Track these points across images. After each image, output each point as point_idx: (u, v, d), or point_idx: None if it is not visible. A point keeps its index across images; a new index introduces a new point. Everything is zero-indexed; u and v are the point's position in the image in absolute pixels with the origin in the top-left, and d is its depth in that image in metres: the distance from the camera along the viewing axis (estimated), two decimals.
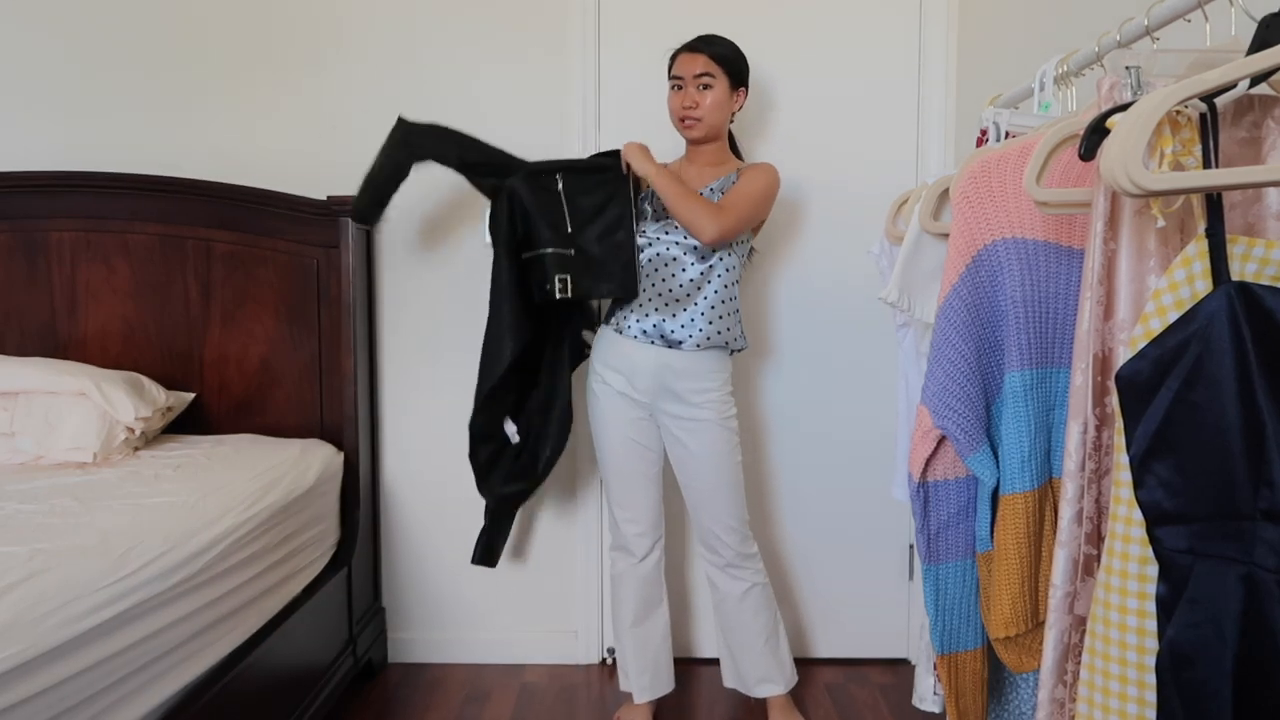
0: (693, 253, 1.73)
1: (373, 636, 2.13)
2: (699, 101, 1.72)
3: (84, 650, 1.10)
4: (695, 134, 1.75)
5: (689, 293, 1.73)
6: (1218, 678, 0.77)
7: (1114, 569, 0.83)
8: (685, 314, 1.73)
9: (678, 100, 1.75)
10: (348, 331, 2.05)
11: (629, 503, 1.82)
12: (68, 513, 1.40)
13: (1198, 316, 0.78)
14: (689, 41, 1.76)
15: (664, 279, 1.74)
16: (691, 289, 1.73)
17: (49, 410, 1.82)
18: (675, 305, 1.73)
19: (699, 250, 1.73)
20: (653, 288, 1.74)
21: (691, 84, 1.73)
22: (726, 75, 1.73)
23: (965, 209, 1.06)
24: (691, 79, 1.72)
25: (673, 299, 1.73)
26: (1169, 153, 0.84)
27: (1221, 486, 0.77)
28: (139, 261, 2.09)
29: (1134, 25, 1.05)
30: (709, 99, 1.72)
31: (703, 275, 1.73)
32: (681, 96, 1.74)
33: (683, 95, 1.74)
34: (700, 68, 1.72)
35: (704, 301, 1.73)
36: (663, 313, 1.73)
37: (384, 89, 2.17)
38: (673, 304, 1.73)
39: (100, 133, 2.18)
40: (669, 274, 1.74)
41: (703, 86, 1.72)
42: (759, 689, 1.85)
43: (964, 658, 1.16)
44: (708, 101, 1.72)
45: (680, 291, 1.73)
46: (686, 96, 1.73)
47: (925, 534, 1.12)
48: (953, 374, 1.04)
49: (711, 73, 1.72)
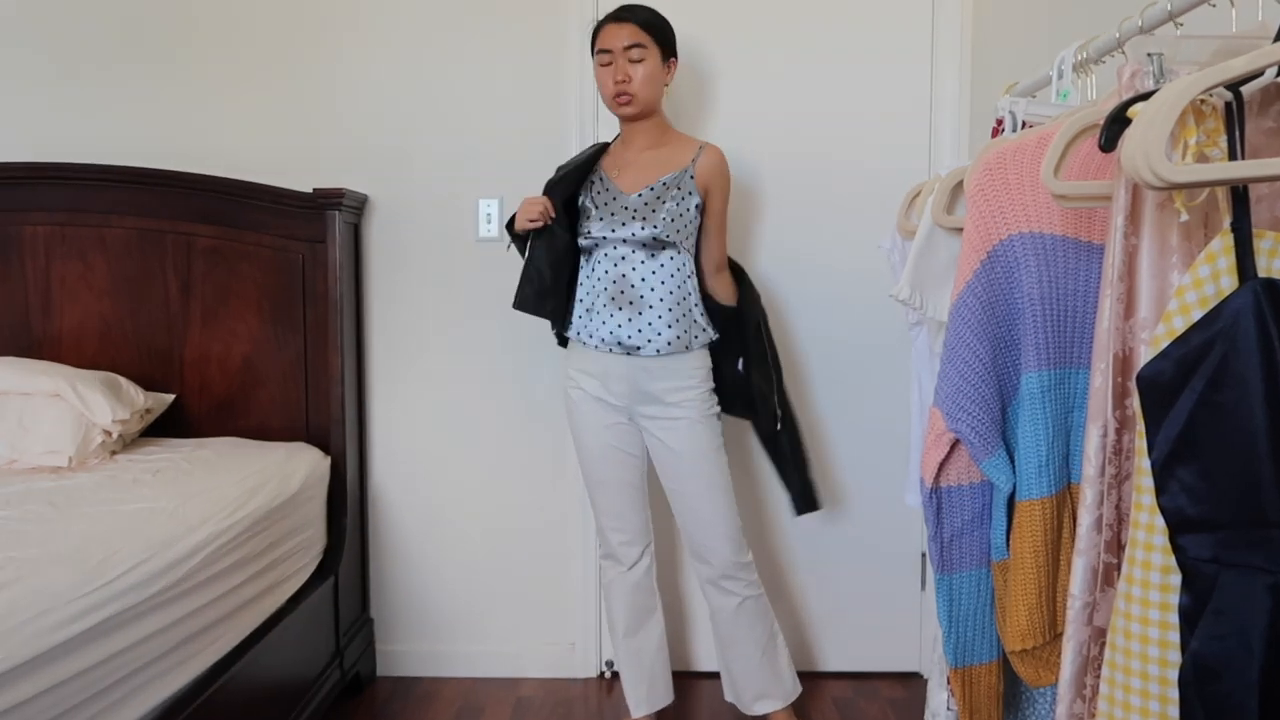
0: (641, 250, 1.68)
1: (361, 648, 2.09)
2: (631, 75, 1.64)
3: (58, 663, 1.07)
4: (631, 110, 1.68)
5: (642, 294, 1.67)
6: (1243, 691, 0.75)
7: (1135, 578, 0.81)
8: (642, 318, 1.67)
9: (608, 75, 1.66)
10: (334, 330, 2.01)
11: (613, 511, 1.78)
12: (42, 519, 1.38)
13: (1223, 314, 0.76)
14: (613, 12, 1.68)
15: (615, 280, 1.68)
16: (645, 289, 1.67)
17: (22, 412, 1.78)
18: (630, 308, 1.67)
19: (648, 247, 1.67)
20: (605, 292, 1.69)
21: (621, 56, 1.64)
22: (657, 45, 1.67)
23: (980, 202, 1.03)
24: (621, 51, 1.64)
25: (626, 301, 1.67)
26: (1193, 144, 0.82)
27: (1248, 492, 0.75)
28: (116, 257, 2.04)
29: (1156, 10, 1.02)
30: (641, 72, 1.65)
31: (654, 274, 1.68)
32: (612, 71, 1.65)
33: (613, 70, 1.65)
34: (629, 38, 1.64)
35: (660, 304, 1.67)
36: (618, 318, 1.67)
37: (372, 78, 2.12)
38: (627, 307, 1.67)
39: (76, 124, 2.13)
40: (619, 275, 1.68)
41: (634, 60, 1.65)
42: (757, 706, 1.81)
43: (979, 671, 1.13)
44: (640, 75, 1.65)
45: (634, 293, 1.67)
46: (618, 70, 1.65)
47: (938, 542, 1.10)
48: (967, 375, 1.02)
49: (641, 43, 1.64)
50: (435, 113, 2.12)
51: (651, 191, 1.68)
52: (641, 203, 1.68)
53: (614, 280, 1.68)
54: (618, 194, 1.70)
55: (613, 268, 1.68)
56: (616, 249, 1.68)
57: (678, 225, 1.68)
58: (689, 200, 1.69)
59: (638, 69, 1.64)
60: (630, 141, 1.75)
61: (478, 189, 2.13)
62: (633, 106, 1.67)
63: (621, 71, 1.64)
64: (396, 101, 2.12)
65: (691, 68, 2.07)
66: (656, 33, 1.66)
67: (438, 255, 2.14)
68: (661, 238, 1.66)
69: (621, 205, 1.68)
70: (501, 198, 2.12)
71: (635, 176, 1.71)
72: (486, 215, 2.13)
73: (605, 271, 1.69)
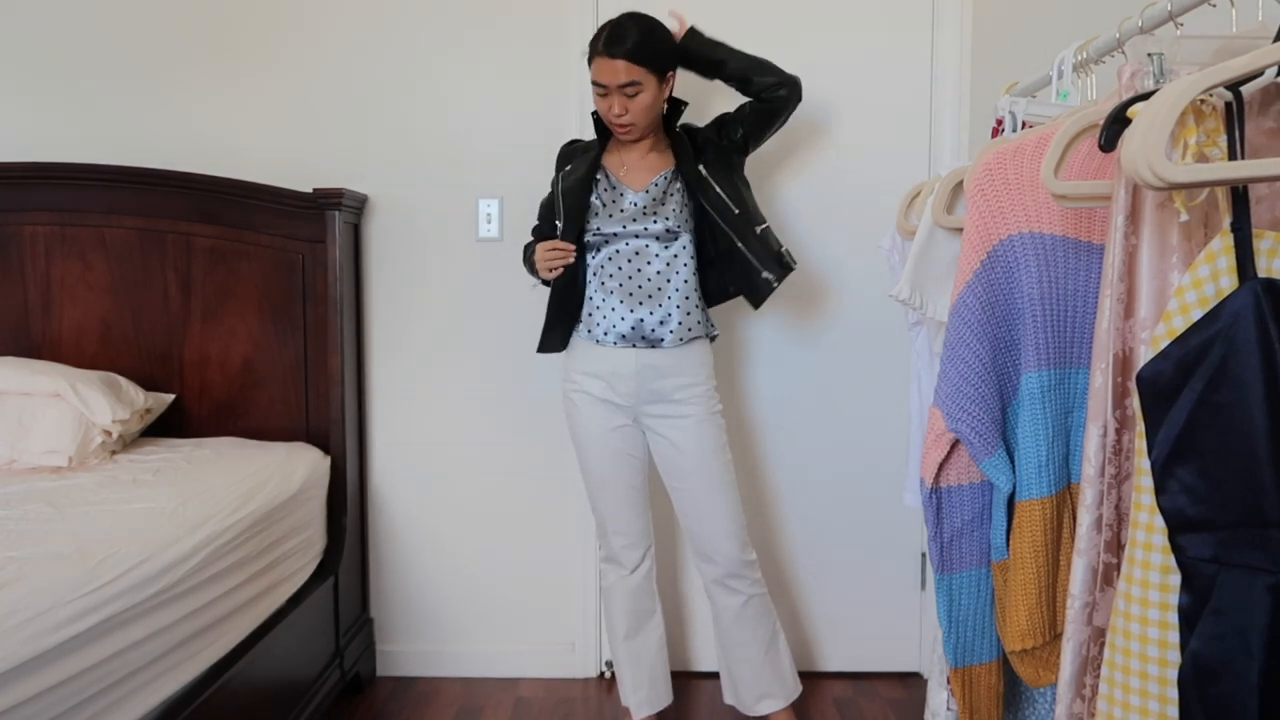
0: (656, 242, 1.68)
1: (360, 649, 2.09)
2: (629, 108, 1.63)
3: (57, 663, 1.07)
4: (632, 137, 1.69)
5: (659, 286, 1.68)
6: (1243, 692, 0.74)
7: (1135, 578, 0.81)
8: (661, 309, 1.68)
9: (605, 106, 1.63)
10: (334, 330, 2.01)
11: (615, 515, 1.77)
12: (41, 519, 1.37)
13: (1222, 314, 0.76)
14: (600, 46, 1.60)
15: (630, 275, 1.68)
16: (661, 281, 1.68)
17: (22, 412, 1.77)
18: (650, 301, 1.68)
19: (661, 239, 1.68)
20: (621, 287, 1.69)
21: (616, 93, 1.62)
22: (652, 73, 1.62)
23: (980, 202, 1.03)
24: (616, 89, 1.61)
25: (644, 295, 1.68)
26: (1193, 144, 0.82)
27: (1247, 492, 0.74)
28: (116, 257, 2.04)
29: (1156, 10, 1.02)
30: (638, 103, 1.63)
31: (669, 266, 1.68)
32: (608, 104, 1.62)
33: (609, 102, 1.62)
34: (623, 77, 1.60)
35: (676, 294, 1.68)
36: (638, 311, 1.68)
37: (372, 78, 2.12)
38: (646, 300, 1.68)
39: (75, 123, 2.12)
40: (634, 269, 1.68)
41: (629, 95, 1.62)
42: (759, 706, 1.80)
43: (979, 671, 1.13)
44: (637, 107, 1.63)
45: (651, 286, 1.68)
46: (614, 104, 1.63)
47: (938, 542, 1.09)
48: (967, 375, 1.02)
49: (636, 80, 1.60)
50: (435, 113, 2.12)
51: (657, 187, 1.70)
52: (650, 198, 1.69)
53: (629, 275, 1.68)
54: (626, 190, 1.71)
55: (626, 263, 1.69)
56: (629, 244, 1.69)
57: (686, 212, 1.70)
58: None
59: (634, 102, 1.63)
60: (632, 145, 1.75)
61: (478, 189, 2.13)
62: (633, 135, 1.68)
63: (620, 106, 1.63)
64: (396, 101, 2.12)
65: None
66: (649, 61, 1.61)
67: (438, 255, 2.14)
68: (673, 228, 1.68)
69: (631, 201, 1.70)
70: (501, 198, 2.12)
71: (642, 174, 1.72)
72: (486, 215, 2.12)
73: (619, 267, 1.69)
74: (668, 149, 1.74)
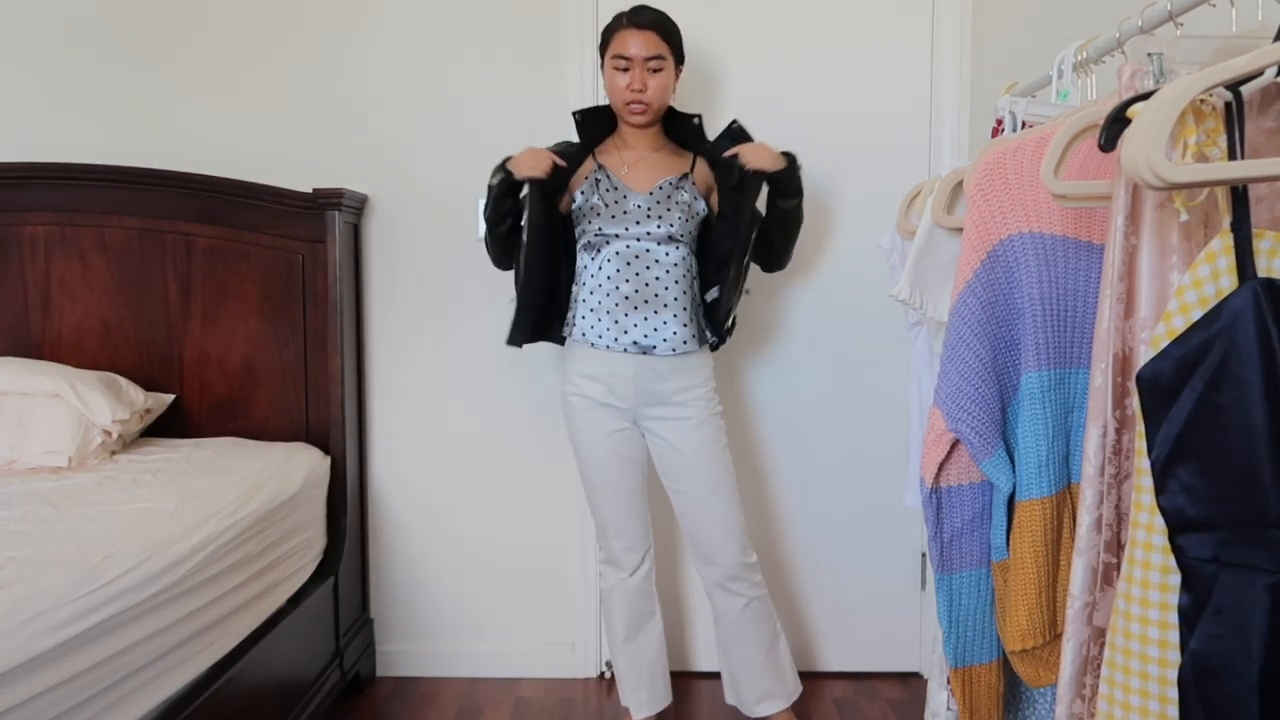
0: (656, 248, 1.65)
1: (361, 649, 2.09)
2: (648, 85, 1.61)
3: (58, 663, 1.07)
4: (643, 120, 1.66)
5: (657, 292, 1.65)
6: (1243, 692, 0.74)
7: (1135, 578, 0.81)
8: (657, 316, 1.65)
9: (623, 81, 1.61)
10: (334, 330, 2.01)
11: (615, 517, 1.76)
12: (41, 519, 1.37)
13: (1222, 314, 0.76)
14: (634, 16, 1.61)
15: (627, 279, 1.65)
16: (659, 288, 1.65)
17: (22, 412, 1.77)
18: (645, 307, 1.65)
19: (662, 245, 1.65)
20: (618, 290, 1.65)
21: (640, 66, 1.60)
22: (673, 54, 1.64)
23: (980, 202, 1.03)
24: (641, 61, 1.60)
25: (641, 300, 1.65)
26: (1193, 143, 0.82)
27: (1247, 492, 0.74)
28: (116, 257, 2.04)
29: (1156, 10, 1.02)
30: (657, 82, 1.62)
31: (669, 273, 1.66)
32: (629, 79, 1.60)
33: (630, 77, 1.60)
34: (652, 48, 1.59)
35: (675, 303, 1.65)
36: (633, 317, 1.64)
37: (372, 78, 2.12)
38: (642, 306, 1.65)
39: (74, 123, 2.12)
40: (632, 273, 1.65)
41: (652, 70, 1.61)
42: (760, 708, 1.80)
43: (979, 671, 1.13)
44: (656, 85, 1.62)
45: (648, 291, 1.65)
46: (635, 79, 1.61)
47: (938, 542, 1.09)
48: (967, 375, 1.01)
49: (662, 54, 1.61)
50: (435, 113, 2.12)
51: (661, 190, 1.68)
52: (654, 201, 1.67)
53: (626, 279, 1.65)
54: (628, 192, 1.68)
55: (625, 266, 1.65)
56: (630, 247, 1.65)
57: (690, 224, 1.69)
58: (696, 204, 1.70)
59: (655, 79, 1.62)
60: (633, 144, 1.73)
61: (478, 189, 2.12)
62: (645, 116, 1.66)
63: (640, 80, 1.61)
64: (396, 102, 2.12)
65: (692, 69, 2.06)
66: (673, 41, 1.64)
67: (438, 255, 2.14)
68: (676, 235, 1.66)
69: (634, 204, 1.67)
70: None
71: (645, 175, 1.70)
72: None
73: (617, 270, 1.65)
74: (672, 154, 1.74)
